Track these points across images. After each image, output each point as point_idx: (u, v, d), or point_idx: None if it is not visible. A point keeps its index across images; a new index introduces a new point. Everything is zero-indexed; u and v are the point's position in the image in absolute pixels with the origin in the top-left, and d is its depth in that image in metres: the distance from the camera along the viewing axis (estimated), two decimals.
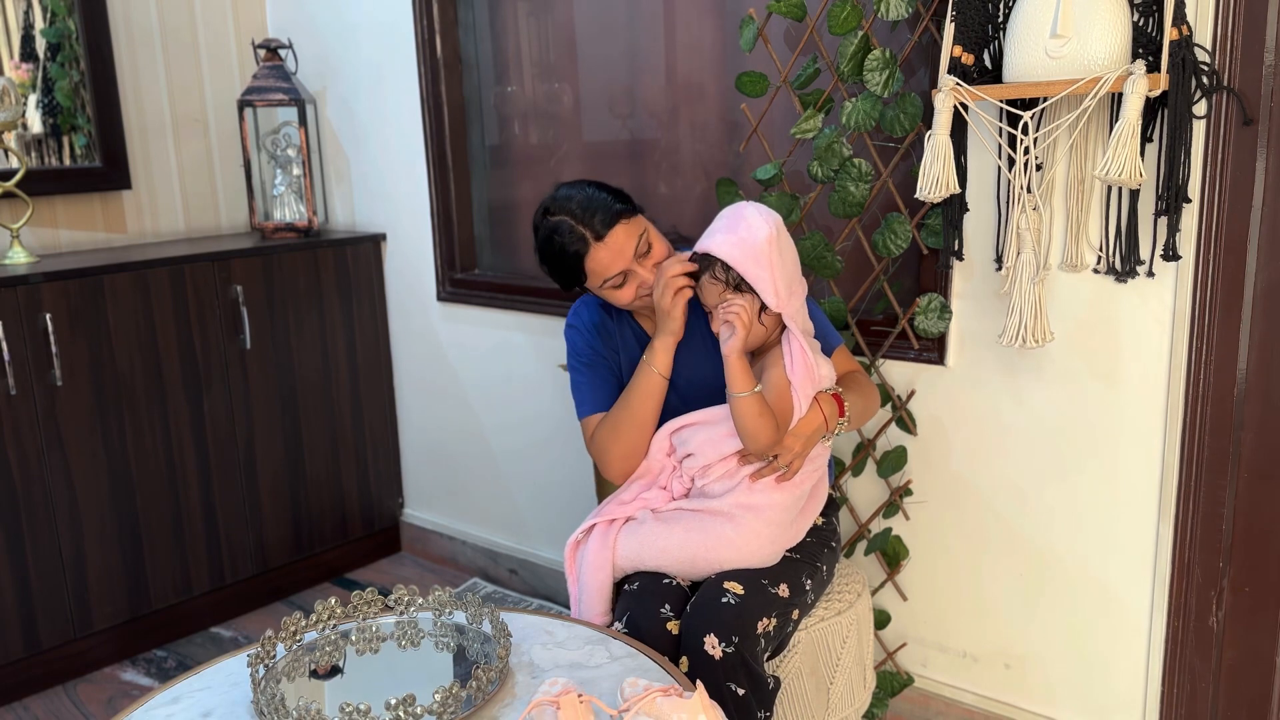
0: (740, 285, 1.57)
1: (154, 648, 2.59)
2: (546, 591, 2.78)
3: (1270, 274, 1.62)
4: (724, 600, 1.53)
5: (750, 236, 1.56)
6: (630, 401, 1.71)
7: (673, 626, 1.56)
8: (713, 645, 1.49)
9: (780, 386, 1.59)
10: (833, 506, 1.83)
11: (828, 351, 1.72)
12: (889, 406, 2.01)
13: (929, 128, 1.69)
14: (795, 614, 1.62)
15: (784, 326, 1.62)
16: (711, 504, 1.62)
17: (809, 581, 1.65)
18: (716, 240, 1.58)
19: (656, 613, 1.57)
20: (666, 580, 1.63)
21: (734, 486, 1.62)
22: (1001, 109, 1.68)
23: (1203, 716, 1.79)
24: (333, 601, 1.50)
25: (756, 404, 1.54)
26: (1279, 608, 1.71)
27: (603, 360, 1.78)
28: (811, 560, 1.68)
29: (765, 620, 1.54)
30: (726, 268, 1.57)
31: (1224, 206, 1.60)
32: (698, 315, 1.71)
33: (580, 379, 1.79)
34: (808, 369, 1.59)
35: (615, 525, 1.68)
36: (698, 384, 1.71)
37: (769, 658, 1.62)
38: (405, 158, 2.85)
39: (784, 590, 1.59)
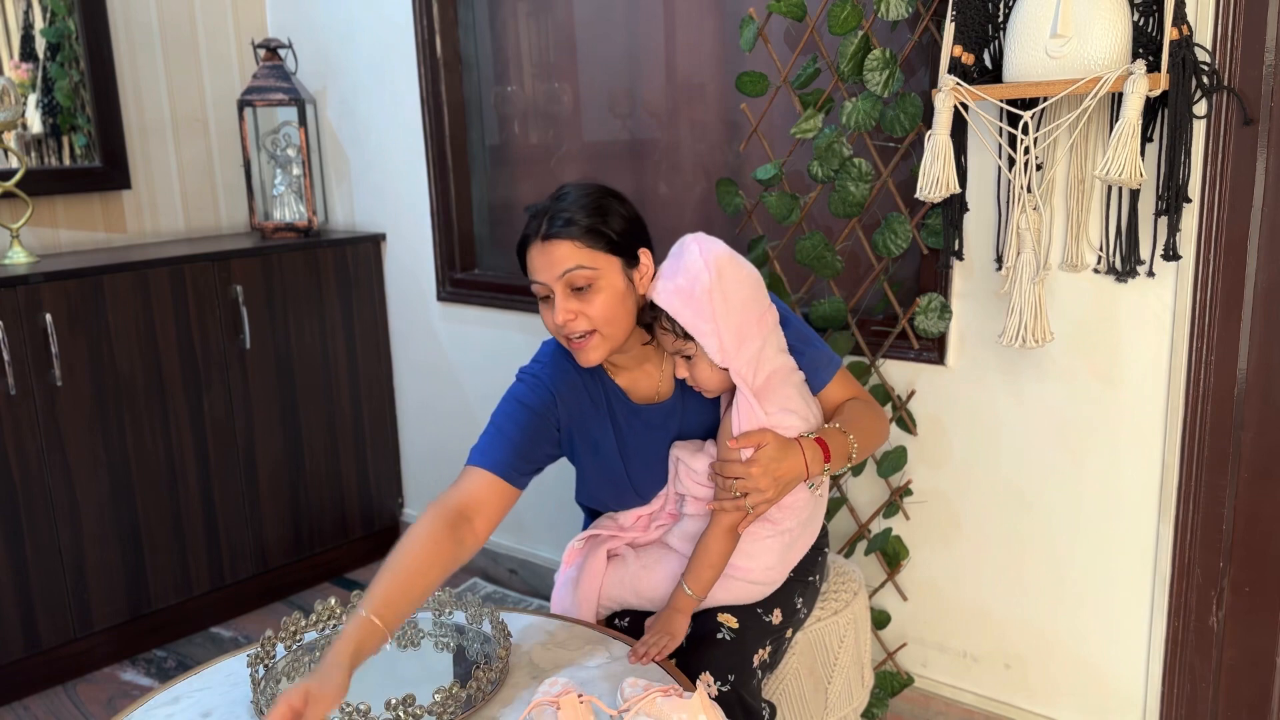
0: (689, 335, 1.46)
1: (154, 648, 2.59)
2: (547, 591, 2.78)
3: (1270, 274, 1.62)
4: (719, 636, 1.50)
5: (689, 286, 1.44)
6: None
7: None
8: (708, 683, 1.46)
9: (725, 450, 1.50)
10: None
11: (821, 382, 1.60)
12: (889, 406, 2.01)
13: (929, 128, 1.69)
14: (789, 633, 1.61)
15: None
16: (692, 546, 1.56)
17: (800, 600, 1.63)
18: (660, 286, 1.47)
19: None
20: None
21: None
22: (1001, 109, 1.68)
23: (1203, 716, 1.79)
24: (333, 601, 1.50)
25: (714, 572, 1.52)
26: (1279, 608, 1.71)
27: (538, 427, 1.63)
28: (803, 577, 1.65)
29: (761, 651, 1.52)
30: (671, 319, 1.46)
31: (1224, 206, 1.60)
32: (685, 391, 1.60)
33: (492, 429, 1.64)
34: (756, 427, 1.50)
35: (604, 556, 1.63)
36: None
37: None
38: (405, 158, 2.85)
39: (778, 616, 1.57)
